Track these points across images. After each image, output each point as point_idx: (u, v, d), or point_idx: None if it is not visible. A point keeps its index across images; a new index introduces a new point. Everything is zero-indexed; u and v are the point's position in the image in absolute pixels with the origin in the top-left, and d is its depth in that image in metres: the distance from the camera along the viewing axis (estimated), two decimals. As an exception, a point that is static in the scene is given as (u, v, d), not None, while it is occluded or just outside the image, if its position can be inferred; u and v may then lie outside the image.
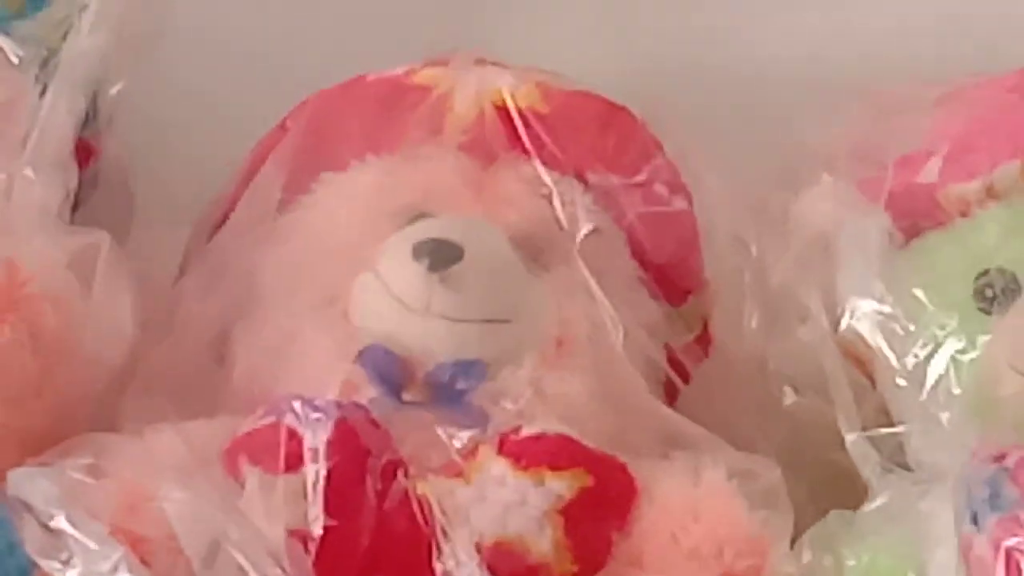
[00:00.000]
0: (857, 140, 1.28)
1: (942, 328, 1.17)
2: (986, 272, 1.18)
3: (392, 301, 1.17)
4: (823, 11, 1.52)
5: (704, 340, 1.29)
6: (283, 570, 1.05)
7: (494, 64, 1.29)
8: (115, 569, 1.04)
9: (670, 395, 1.25)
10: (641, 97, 1.32)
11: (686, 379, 1.26)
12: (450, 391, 1.15)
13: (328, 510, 1.06)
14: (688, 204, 1.27)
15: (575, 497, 1.09)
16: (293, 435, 1.07)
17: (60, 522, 1.04)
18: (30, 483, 1.07)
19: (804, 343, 1.21)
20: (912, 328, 1.17)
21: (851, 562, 1.10)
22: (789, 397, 1.22)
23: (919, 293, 1.18)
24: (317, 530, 1.05)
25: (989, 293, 1.18)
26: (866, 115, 1.30)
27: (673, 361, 1.25)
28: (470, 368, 1.15)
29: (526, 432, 1.12)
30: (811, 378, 1.20)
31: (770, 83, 1.46)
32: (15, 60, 1.23)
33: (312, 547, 1.05)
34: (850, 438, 1.16)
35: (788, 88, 1.42)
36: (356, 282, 1.19)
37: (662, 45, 1.51)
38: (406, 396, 1.15)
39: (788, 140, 1.31)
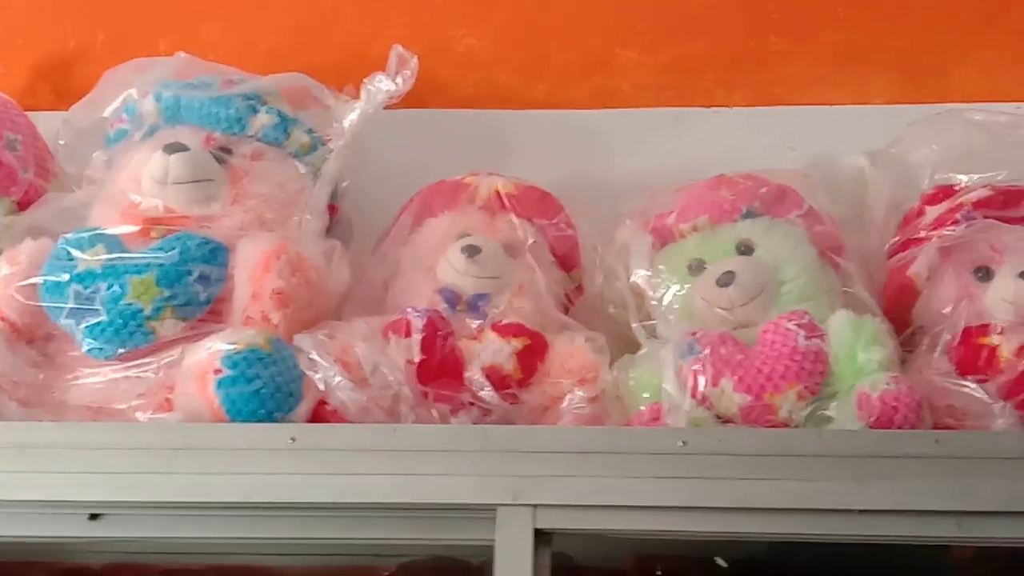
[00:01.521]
0: (643, 207, 1.20)
1: (671, 282, 1.14)
2: (691, 260, 1.15)
3: (452, 269, 1.15)
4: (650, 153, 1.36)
5: (580, 289, 1.22)
6: (403, 377, 1.05)
7: (497, 174, 1.22)
8: (335, 376, 1.03)
9: (566, 311, 1.19)
10: (573, 189, 1.27)
11: (573, 305, 1.21)
12: (475, 306, 1.14)
13: (422, 352, 1.07)
14: (574, 231, 1.21)
15: (523, 348, 1.09)
16: (408, 323, 1.08)
17: (314, 356, 1.05)
18: (302, 340, 1.06)
19: (617, 288, 1.16)
20: (658, 281, 1.14)
21: (632, 375, 1.09)
22: (611, 309, 1.17)
23: (662, 267, 1.15)
24: (417, 359, 1.06)
25: (692, 267, 1.14)
26: (650, 197, 1.21)
27: (567, 297, 1.20)
28: (483, 297, 1.14)
29: (504, 322, 1.12)
30: (620, 301, 1.16)
31: (617, 184, 1.30)
32: (303, 171, 1.19)
33: (414, 367, 1.06)
34: (634, 325, 1.13)
35: (624, 188, 1.27)
36: (439, 261, 1.16)
37: (578, 167, 1.35)
38: (458, 308, 1.13)
39: (620, 210, 1.22)
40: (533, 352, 1.10)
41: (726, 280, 1.11)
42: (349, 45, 1.36)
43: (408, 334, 1.08)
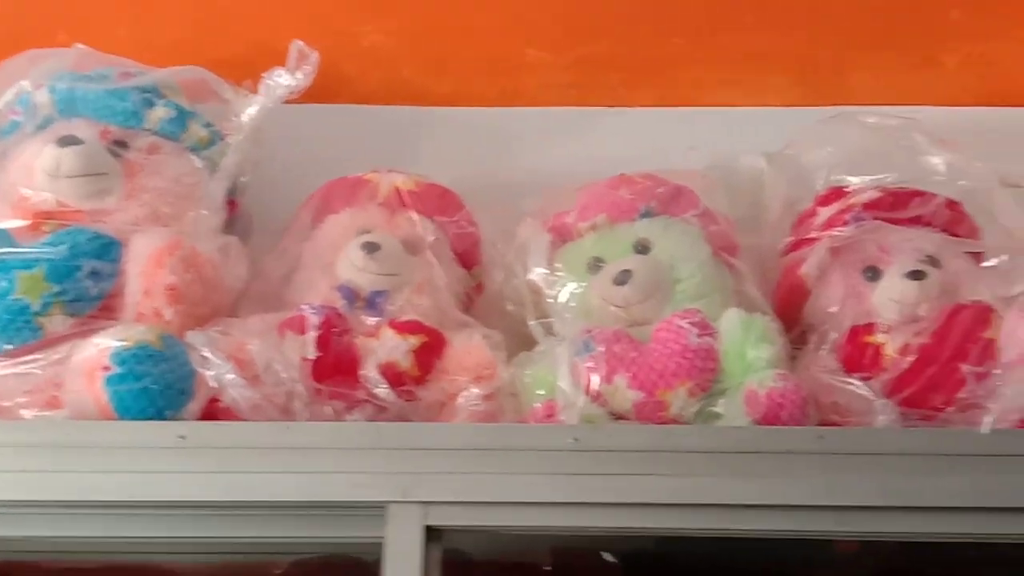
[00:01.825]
0: (544, 206, 1.20)
1: (568, 280, 1.13)
2: (590, 258, 1.15)
3: (352, 266, 1.14)
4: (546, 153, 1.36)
5: (480, 286, 1.21)
6: (297, 374, 1.04)
7: (398, 171, 1.21)
8: (227, 373, 1.02)
9: (467, 308, 1.19)
10: (476, 187, 1.25)
11: (473, 302, 1.20)
12: (374, 303, 1.13)
13: (317, 348, 1.06)
14: (476, 229, 1.21)
15: (420, 346, 1.09)
16: (305, 319, 1.07)
17: (206, 353, 1.03)
18: (195, 337, 1.04)
19: (516, 285, 1.16)
20: (555, 279, 1.14)
21: (528, 372, 1.08)
22: (510, 307, 1.16)
23: (559, 265, 1.14)
24: (311, 356, 1.05)
25: (590, 265, 1.14)
26: (551, 195, 1.21)
27: (467, 295, 1.20)
28: (382, 294, 1.13)
29: (402, 319, 1.11)
30: (518, 299, 1.15)
31: (521, 182, 1.29)
32: (200, 165, 1.16)
33: (309, 364, 1.05)
34: (531, 323, 1.12)
35: (528, 186, 1.26)
36: (338, 258, 1.15)
37: (483, 165, 1.34)
38: (356, 305, 1.12)
39: (522, 208, 1.22)
40: (430, 349, 1.10)
41: (622, 279, 1.12)
42: (252, 39, 1.33)
43: (303, 331, 1.07)
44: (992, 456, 0.95)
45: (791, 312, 1.16)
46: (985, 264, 1.13)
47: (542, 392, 1.07)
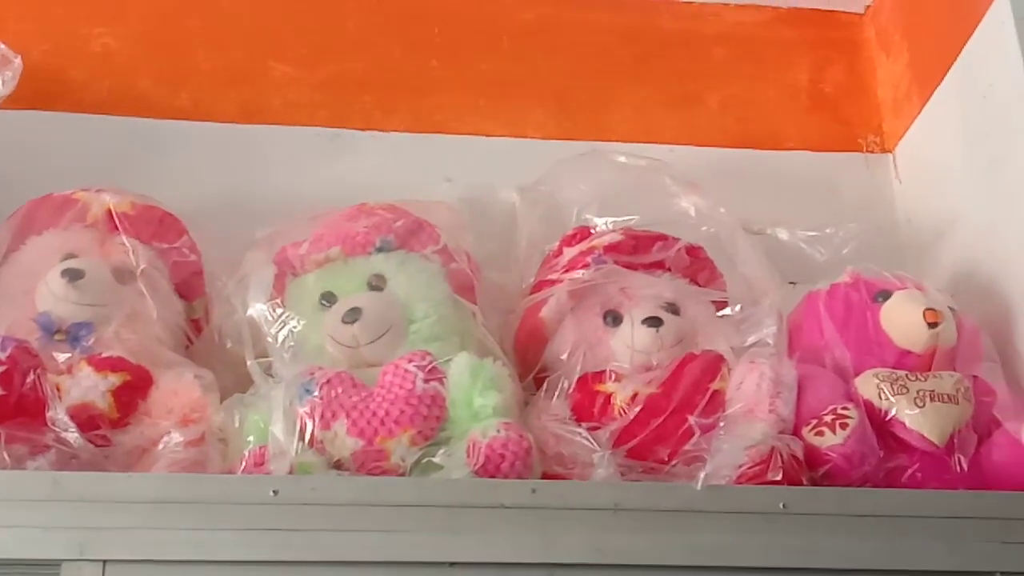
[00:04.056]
0: (275, 235, 1.17)
1: (291, 317, 1.11)
2: (323, 293, 1.13)
3: (51, 295, 1.10)
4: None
5: (202, 321, 1.18)
6: None
7: (110, 190, 1.17)
8: None
9: (187, 345, 1.16)
10: (210, 210, 1.24)
11: (192, 339, 1.17)
12: (76, 337, 1.10)
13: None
14: (198, 257, 1.17)
15: (121, 384, 1.06)
16: None
17: None
18: None
19: (236, 320, 1.12)
20: (276, 314, 1.11)
21: (237, 417, 1.05)
22: (230, 344, 1.13)
23: (279, 300, 1.12)
24: None
25: (321, 302, 1.13)
26: (285, 224, 1.19)
27: (186, 330, 1.16)
28: (85, 326, 1.10)
29: (104, 354, 1.08)
30: (238, 335, 1.12)
31: (263, 206, 1.28)
32: None
33: None
34: (249, 363, 1.09)
35: (271, 210, 1.25)
36: (38, 286, 1.11)
37: (221, 185, 1.32)
38: (56, 338, 1.09)
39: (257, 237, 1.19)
40: (133, 388, 1.07)
41: (351, 317, 1.11)
42: (-37, 35, 1.28)
43: (-16, 367, 1.02)
44: (704, 513, 0.98)
45: (531, 356, 1.18)
46: (721, 313, 1.17)
47: (252, 438, 1.04)
